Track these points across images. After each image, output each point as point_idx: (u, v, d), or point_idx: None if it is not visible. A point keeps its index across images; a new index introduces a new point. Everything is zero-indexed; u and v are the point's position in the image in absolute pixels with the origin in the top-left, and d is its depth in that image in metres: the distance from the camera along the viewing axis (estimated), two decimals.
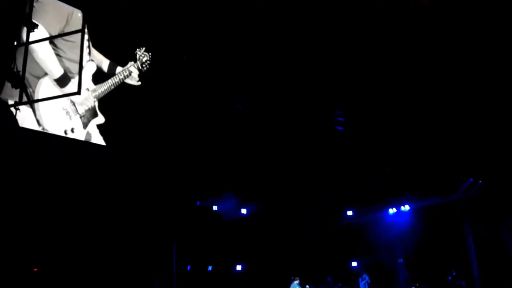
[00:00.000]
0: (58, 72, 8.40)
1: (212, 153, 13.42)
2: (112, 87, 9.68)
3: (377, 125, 14.75)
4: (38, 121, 8.20)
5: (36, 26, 7.86)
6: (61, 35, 7.99)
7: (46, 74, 8.32)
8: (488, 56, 11.65)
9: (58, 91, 8.27)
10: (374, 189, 17.16)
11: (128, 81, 9.95)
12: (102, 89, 9.51)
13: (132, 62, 10.09)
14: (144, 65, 10.14)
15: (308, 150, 15.87)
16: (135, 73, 9.96)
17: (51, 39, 8.07)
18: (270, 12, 10.19)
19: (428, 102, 13.64)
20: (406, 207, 17.76)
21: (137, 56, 10.08)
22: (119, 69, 9.88)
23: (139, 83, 10.09)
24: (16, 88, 7.37)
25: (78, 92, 7.49)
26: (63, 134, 8.68)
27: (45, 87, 8.14)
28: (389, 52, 11.76)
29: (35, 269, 9.25)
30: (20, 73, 7.35)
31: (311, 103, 14.01)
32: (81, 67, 7.29)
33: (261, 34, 10.83)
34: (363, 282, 17.29)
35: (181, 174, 12.23)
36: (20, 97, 7.32)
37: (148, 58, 10.16)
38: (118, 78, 9.71)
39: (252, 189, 16.03)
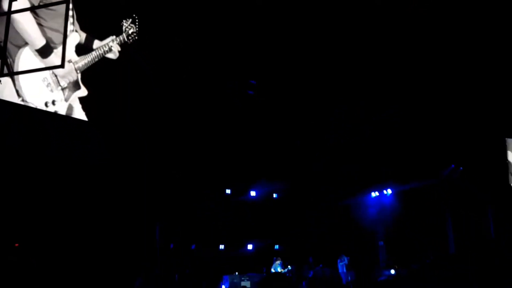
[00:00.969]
0: (40, 42, 8.17)
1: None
2: (96, 59, 9.46)
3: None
4: (17, 91, 8.01)
5: None
6: (46, 5, 7.75)
7: (26, 43, 8.09)
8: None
9: (39, 61, 8.06)
10: (358, 173, 17.37)
11: (109, 55, 9.69)
12: (85, 61, 9.30)
13: (114, 37, 9.77)
14: (130, 37, 9.92)
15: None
16: (116, 48, 9.70)
17: (34, 9, 7.85)
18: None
19: (415, 93, 13.78)
20: (389, 191, 18.02)
21: (123, 27, 9.84)
22: (97, 43, 9.59)
23: (117, 56, 9.82)
24: None
25: (62, 66, 7.35)
26: (44, 107, 8.50)
27: (25, 58, 7.92)
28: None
29: (16, 244, 9.20)
30: (1, 43, 7.19)
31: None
32: (65, 39, 7.12)
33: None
34: (341, 263, 17.55)
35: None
36: (2, 67, 7.14)
37: (135, 30, 9.94)
38: (99, 52, 9.50)
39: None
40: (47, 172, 8.74)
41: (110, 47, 9.57)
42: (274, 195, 18.83)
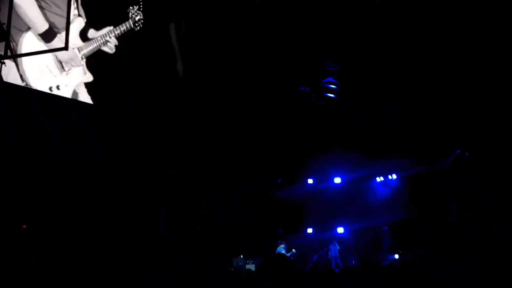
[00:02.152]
0: (43, 26, 8.14)
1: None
2: (98, 48, 9.39)
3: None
4: (21, 76, 8.04)
5: None
6: None
7: (29, 28, 8.07)
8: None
9: (42, 46, 8.04)
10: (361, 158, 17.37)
11: (104, 49, 9.54)
12: (89, 48, 9.26)
13: (111, 27, 9.61)
14: (137, 24, 9.84)
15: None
16: (113, 42, 9.54)
17: None
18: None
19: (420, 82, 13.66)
20: (393, 176, 18.00)
21: (130, 14, 9.75)
22: (92, 32, 9.44)
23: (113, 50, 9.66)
24: (0, 42, 7.24)
25: (66, 48, 7.37)
26: (48, 91, 8.53)
27: (28, 42, 7.92)
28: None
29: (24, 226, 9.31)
30: (5, 26, 7.19)
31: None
32: (68, 22, 7.12)
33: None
34: (334, 248, 17.69)
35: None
36: (5, 50, 7.17)
37: (141, 17, 9.86)
38: (97, 43, 9.38)
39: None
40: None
41: (105, 40, 9.41)
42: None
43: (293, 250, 16.56)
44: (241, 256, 16.78)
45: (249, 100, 13.03)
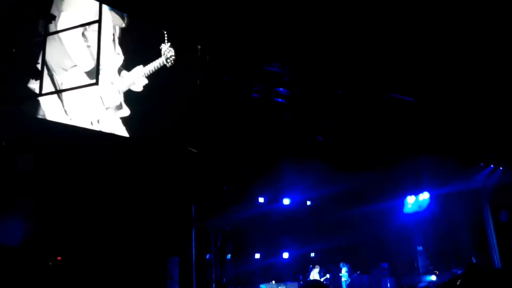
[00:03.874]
0: (89, 64, 8.42)
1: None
2: (130, 86, 9.60)
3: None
4: (65, 112, 8.30)
5: (54, 17, 7.97)
6: (76, 26, 8.00)
7: (75, 65, 8.37)
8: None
9: (88, 83, 8.28)
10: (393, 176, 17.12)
11: (133, 88, 9.68)
12: (127, 83, 9.50)
13: (141, 66, 9.79)
14: (169, 60, 10.12)
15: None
16: (142, 82, 9.76)
17: (69, 29, 8.08)
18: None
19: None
20: (426, 195, 17.71)
21: (162, 51, 10.04)
22: (125, 71, 9.69)
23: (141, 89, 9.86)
24: (36, 80, 7.52)
25: (96, 83, 7.60)
26: (90, 125, 8.75)
27: (73, 79, 8.18)
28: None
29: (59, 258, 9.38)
30: (42, 64, 7.50)
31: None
32: (98, 57, 7.33)
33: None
34: (344, 271, 17.34)
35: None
36: (40, 88, 7.45)
37: (173, 54, 10.13)
38: (128, 82, 9.59)
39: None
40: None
41: (133, 81, 9.65)
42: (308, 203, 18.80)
43: (327, 275, 16.33)
44: (273, 282, 16.63)
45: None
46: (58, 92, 8.21)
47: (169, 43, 10.03)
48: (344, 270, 17.53)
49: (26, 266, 8.43)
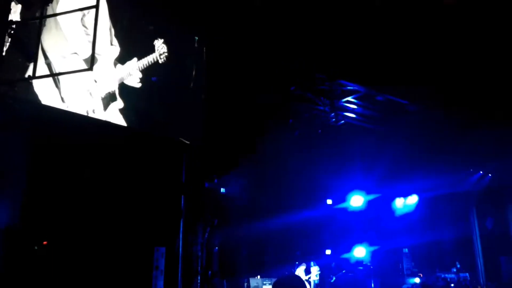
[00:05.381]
0: (88, 52, 8.36)
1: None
2: (124, 79, 9.55)
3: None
4: (62, 99, 8.26)
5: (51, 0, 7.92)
6: (72, 10, 7.90)
7: (75, 53, 8.33)
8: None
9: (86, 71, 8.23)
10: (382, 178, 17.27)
11: (127, 82, 9.64)
12: (122, 75, 9.46)
13: (135, 59, 9.73)
14: (161, 56, 10.10)
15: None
16: (137, 75, 9.72)
17: (61, 15, 8.00)
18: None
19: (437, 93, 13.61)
20: (414, 197, 17.89)
21: (155, 47, 10.01)
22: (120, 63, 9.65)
23: (140, 84, 9.84)
24: (30, 63, 7.47)
25: (91, 69, 7.55)
26: (85, 114, 8.72)
27: (72, 66, 8.11)
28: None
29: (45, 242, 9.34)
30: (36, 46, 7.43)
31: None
32: (94, 44, 7.28)
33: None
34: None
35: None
36: (34, 71, 7.39)
37: (166, 50, 10.11)
38: (125, 73, 9.57)
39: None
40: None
41: (129, 72, 9.60)
42: None
43: (317, 273, 16.32)
44: (258, 277, 16.67)
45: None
46: (51, 76, 8.12)
47: (162, 39, 10.01)
48: (315, 270, 17.27)
49: (10, 249, 8.37)
